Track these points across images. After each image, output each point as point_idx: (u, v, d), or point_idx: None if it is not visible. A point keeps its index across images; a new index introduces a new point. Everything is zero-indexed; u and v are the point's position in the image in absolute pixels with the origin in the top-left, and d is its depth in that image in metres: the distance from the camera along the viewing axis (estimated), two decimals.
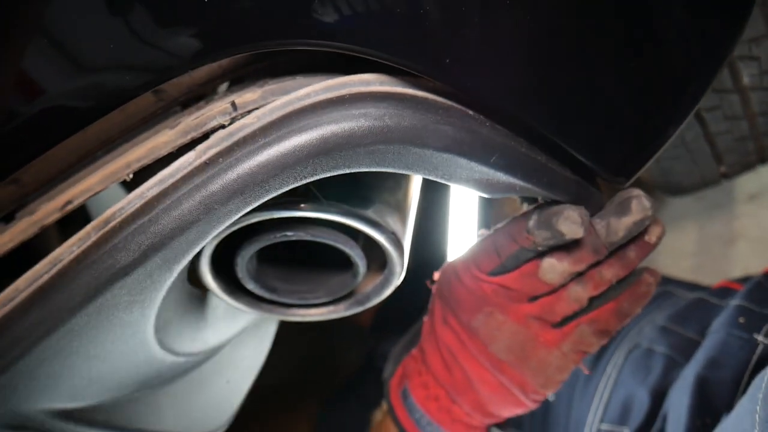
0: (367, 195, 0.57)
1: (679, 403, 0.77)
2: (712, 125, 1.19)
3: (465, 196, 1.33)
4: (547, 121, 0.48)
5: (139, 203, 0.44)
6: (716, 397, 0.75)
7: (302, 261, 0.65)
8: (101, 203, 0.50)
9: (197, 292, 0.59)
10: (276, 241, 0.54)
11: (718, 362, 0.79)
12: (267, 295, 0.60)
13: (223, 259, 0.56)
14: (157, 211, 0.43)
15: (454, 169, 0.49)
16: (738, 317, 0.84)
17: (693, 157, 1.30)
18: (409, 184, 0.64)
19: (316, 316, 0.64)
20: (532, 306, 0.60)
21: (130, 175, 0.47)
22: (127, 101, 0.44)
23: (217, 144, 0.45)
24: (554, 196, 0.53)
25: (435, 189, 1.33)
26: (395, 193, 0.61)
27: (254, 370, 0.84)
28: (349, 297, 0.64)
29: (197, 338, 0.63)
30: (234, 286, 0.59)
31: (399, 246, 0.57)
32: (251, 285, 0.58)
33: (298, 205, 0.51)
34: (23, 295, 0.44)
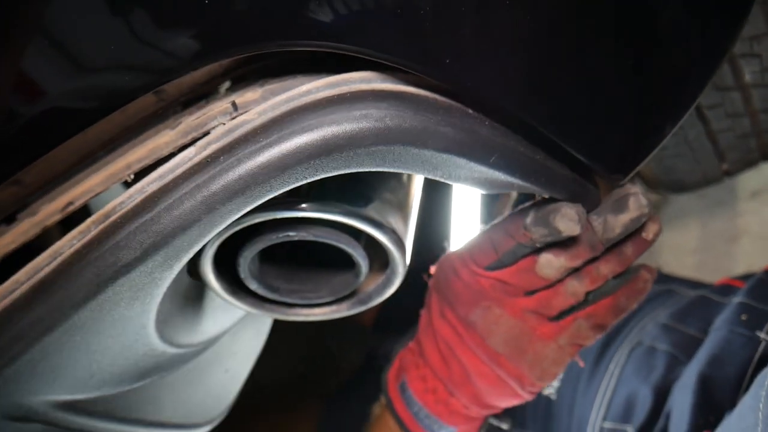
0: (369, 194, 0.57)
1: (682, 401, 0.77)
2: (714, 123, 1.19)
3: (467, 195, 1.33)
4: (544, 119, 0.48)
5: (139, 198, 0.44)
6: (719, 394, 0.75)
7: (304, 261, 0.65)
8: (103, 203, 0.50)
9: (196, 284, 0.59)
10: (278, 241, 0.54)
11: (721, 360, 0.79)
12: (269, 295, 0.60)
13: (225, 260, 0.56)
14: (159, 210, 0.43)
15: (454, 169, 0.49)
16: (740, 314, 0.84)
17: (695, 154, 1.30)
18: (410, 183, 0.64)
19: (318, 315, 0.64)
20: (529, 300, 0.61)
21: (132, 176, 0.47)
22: (128, 102, 0.44)
23: (218, 140, 0.45)
24: (552, 194, 0.53)
25: (437, 187, 1.33)
26: (397, 192, 0.60)
27: (252, 358, 0.84)
28: (352, 296, 0.64)
29: (197, 329, 0.63)
30: (236, 286, 0.59)
31: (401, 245, 0.57)
32: (254, 285, 0.58)
33: (300, 206, 0.51)
34: (24, 288, 0.45)
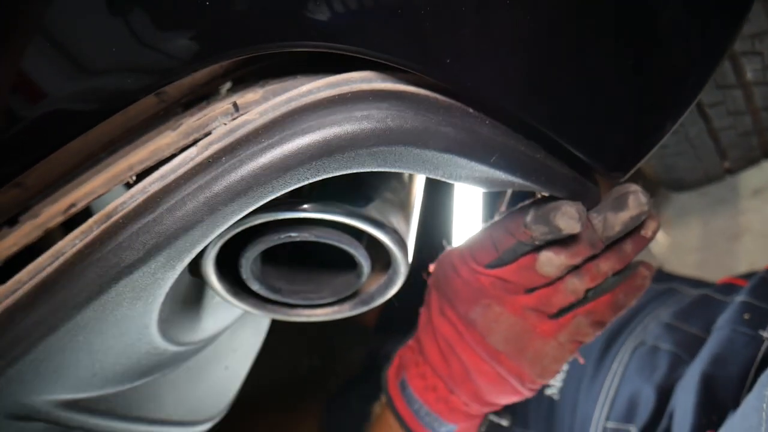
0: (370, 194, 0.57)
1: (686, 401, 0.77)
2: (716, 121, 1.19)
3: (469, 195, 1.33)
4: (543, 118, 0.48)
5: (141, 198, 0.44)
6: (722, 394, 0.75)
7: (306, 261, 0.65)
8: (104, 205, 0.50)
9: (197, 281, 0.59)
10: (280, 242, 0.54)
11: (724, 359, 0.78)
12: (271, 296, 0.60)
13: (227, 261, 0.56)
14: (161, 211, 0.43)
15: (455, 169, 0.49)
16: (743, 314, 0.84)
17: (697, 152, 1.30)
18: (412, 183, 0.64)
19: (320, 316, 0.64)
20: (529, 297, 0.61)
21: (133, 178, 0.47)
22: (130, 104, 0.44)
23: (219, 140, 0.45)
24: (552, 192, 0.53)
25: (439, 187, 1.33)
26: (398, 192, 0.60)
27: (251, 356, 0.84)
28: (354, 297, 0.64)
29: (198, 327, 0.64)
30: (238, 287, 0.59)
31: (403, 246, 0.57)
32: (256, 286, 0.58)
33: (301, 206, 0.51)
34: (26, 288, 0.45)
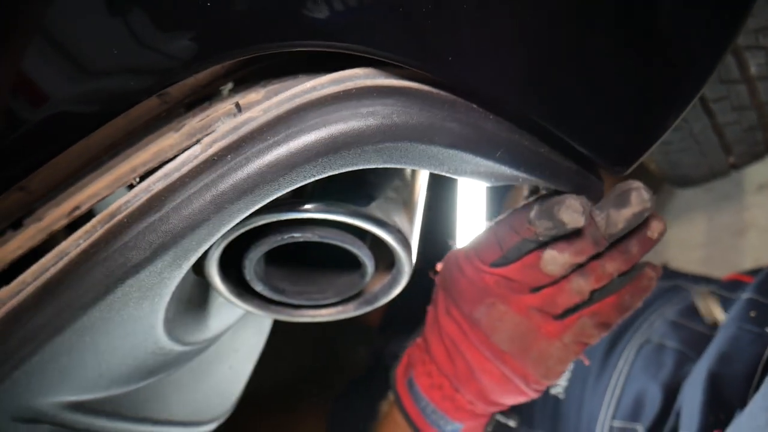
0: (373, 193, 0.56)
1: (692, 399, 0.76)
2: (720, 116, 1.19)
3: (473, 192, 1.33)
4: (544, 114, 0.48)
5: (145, 197, 0.44)
6: (729, 392, 0.75)
7: (309, 261, 0.65)
8: (108, 206, 0.50)
9: (201, 281, 0.59)
10: (283, 242, 0.54)
11: (730, 357, 0.78)
12: (275, 297, 0.60)
13: (231, 262, 0.56)
14: (168, 210, 0.43)
15: (460, 164, 0.49)
16: (749, 311, 0.84)
17: (701, 148, 1.29)
18: (415, 181, 0.64)
19: (324, 316, 0.64)
20: (534, 297, 0.61)
21: (137, 179, 0.47)
22: (132, 106, 0.44)
23: (223, 137, 0.44)
24: (556, 186, 0.53)
25: (443, 185, 1.32)
26: (401, 191, 0.60)
27: (254, 355, 0.84)
28: (358, 297, 0.64)
29: (202, 326, 0.64)
30: (242, 288, 0.59)
31: (407, 245, 0.57)
32: (260, 287, 0.58)
33: (304, 207, 0.51)
34: (30, 289, 0.45)
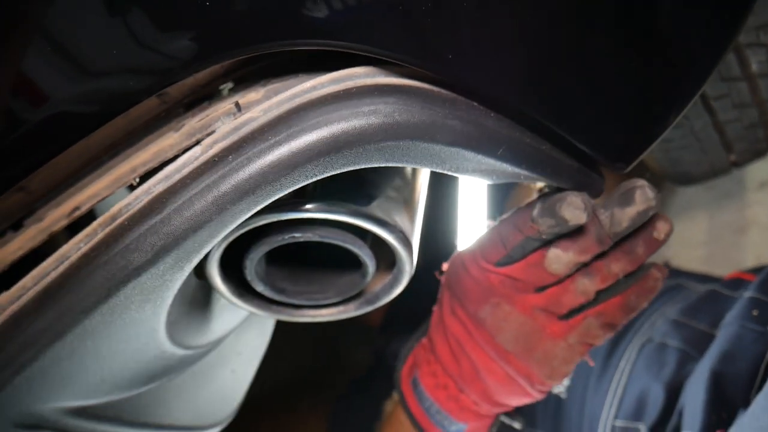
0: (374, 193, 0.56)
1: (695, 399, 0.76)
2: (721, 113, 1.18)
3: (474, 190, 1.33)
4: (545, 111, 0.47)
5: (146, 199, 0.44)
6: (732, 391, 0.74)
7: (310, 261, 0.65)
8: (109, 207, 0.50)
9: (202, 283, 0.59)
10: (284, 242, 0.53)
11: (733, 356, 0.78)
12: (276, 297, 0.60)
13: (232, 262, 0.56)
14: (169, 211, 0.43)
15: (462, 162, 0.49)
16: (751, 309, 0.84)
17: (702, 146, 1.29)
18: (416, 180, 0.64)
19: (326, 316, 0.64)
20: (539, 297, 0.60)
21: (137, 180, 0.47)
22: (132, 106, 0.44)
23: (224, 138, 0.44)
24: (558, 184, 0.53)
25: (443, 183, 1.32)
26: (402, 190, 0.60)
27: (257, 358, 0.83)
28: (359, 297, 0.64)
29: (205, 330, 0.63)
30: (243, 288, 0.59)
31: (408, 244, 0.57)
32: (261, 287, 0.58)
33: (305, 206, 0.51)
34: (31, 293, 0.44)
